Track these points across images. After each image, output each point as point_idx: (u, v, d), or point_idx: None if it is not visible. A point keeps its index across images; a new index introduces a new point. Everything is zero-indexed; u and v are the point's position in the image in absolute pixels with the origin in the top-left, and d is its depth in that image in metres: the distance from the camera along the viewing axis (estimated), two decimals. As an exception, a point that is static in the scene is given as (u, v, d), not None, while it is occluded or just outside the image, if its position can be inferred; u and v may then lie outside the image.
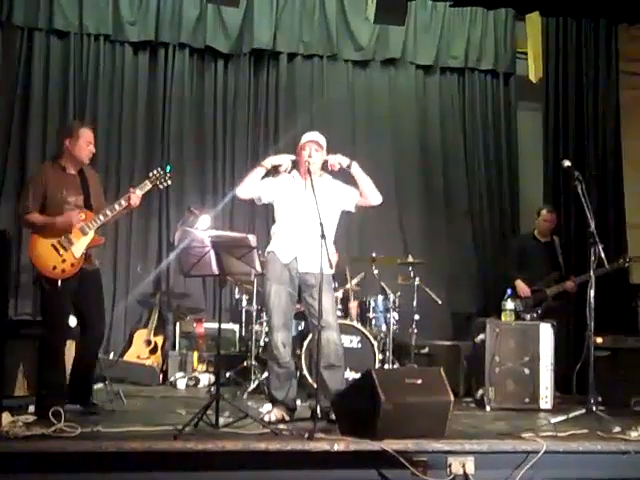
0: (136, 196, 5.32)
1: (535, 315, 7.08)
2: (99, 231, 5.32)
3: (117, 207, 5.28)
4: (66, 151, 5.30)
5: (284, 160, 5.42)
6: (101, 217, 5.24)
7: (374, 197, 5.45)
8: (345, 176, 5.53)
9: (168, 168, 5.57)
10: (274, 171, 5.50)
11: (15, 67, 8.09)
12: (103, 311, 5.50)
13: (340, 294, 7.13)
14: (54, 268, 5.11)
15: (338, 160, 5.40)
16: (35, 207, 5.18)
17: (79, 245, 5.18)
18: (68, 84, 8.18)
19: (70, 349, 5.45)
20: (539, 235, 7.58)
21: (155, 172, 5.50)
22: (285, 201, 5.41)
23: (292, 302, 5.36)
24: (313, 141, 5.38)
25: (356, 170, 5.42)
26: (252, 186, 5.41)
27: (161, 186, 5.55)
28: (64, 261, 5.12)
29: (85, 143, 5.29)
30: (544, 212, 7.57)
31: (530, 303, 7.23)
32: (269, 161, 5.45)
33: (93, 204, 5.32)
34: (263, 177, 5.45)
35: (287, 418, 5.19)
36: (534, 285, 7.28)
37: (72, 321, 5.39)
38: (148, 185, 5.44)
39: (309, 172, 5.23)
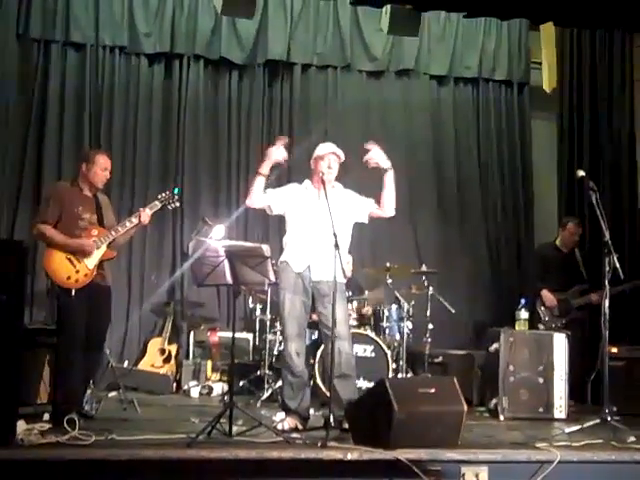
0: (146, 214, 5.50)
1: (560, 325, 7.07)
2: (111, 246, 5.44)
3: (128, 224, 5.46)
4: (82, 175, 5.49)
5: (276, 155, 5.35)
6: (113, 232, 5.41)
7: (391, 209, 5.45)
8: (356, 187, 5.55)
9: (176, 190, 5.82)
10: (278, 169, 5.49)
11: (32, 79, 8.17)
12: (106, 329, 5.60)
13: (355, 303, 7.16)
14: (68, 278, 5.25)
15: (379, 159, 5.36)
16: (51, 219, 5.33)
17: (92, 257, 5.32)
18: (84, 95, 8.24)
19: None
20: (562, 246, 7.55)
21: (164, 194, 5.71)
22: (297, 211, 5.42)
23: (306, 311, 5.37)
24: (334, 153, 5.40)
25: (389, 178, 5.38)
26: (258, 195, 5.38)
27: (170, 207, 5.76)
28: (78, 272, 5.27)
29: (100, 169, 5.47)
30: (571, 225, 7.52)
31: (555, 313, 7.22)
32: (265, 167, 5.36)
33: (106, 224, 5.49)
34: (277, 185, 5.45)
35: (300, 427, 5.19)
36: (558, 295, 7.26)
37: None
38: (157, 205, 5.64)
39: (323, 182, 5.24)
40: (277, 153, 5.35)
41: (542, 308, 7.22)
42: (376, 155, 5.39)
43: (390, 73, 9.01)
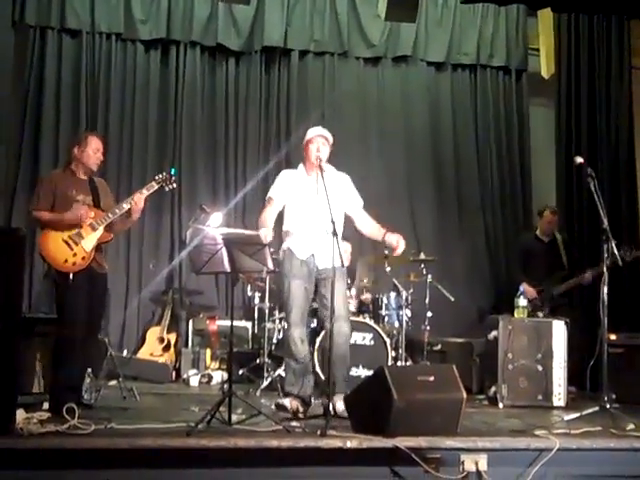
0: (139, 198, 5.38)
1: (544, 314, 7.07)
2: (110, 229, 5.39)
3: (125, 205, 5.37)
4: (75, 158, 5.43)
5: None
6: (110, 215, 5.34)
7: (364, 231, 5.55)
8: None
9: (173, 171, 5.71)
10: None
11: (28, 65, 8.15)
12: (102, 316, 5.61)
13: (354, 290, 7.16)
14: (65, 261, 5.19)
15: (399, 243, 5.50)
16: (44, 206, 5.28)
17: (89, 240, 5.26)
18: (80, 82, 8.22)
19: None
20: (542, 235, 7.58)
21: (161, 175, 5.61)
22: (295, 199, 5.42)
23: (308, 298, 5.39)
24: (321, 135, 5.40)
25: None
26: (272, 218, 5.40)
27: (167, 188, 5.65)
28: (75, 255, 5.21)
29: (93, 150, 5.41)
30: (547, 213, 7.55)
31: (538, 303, 7.22)
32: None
33: (102, 207, 5.41)
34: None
35: (301, 409, 5.21)
36: (539, 285, 7.27)
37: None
38: (154, 186, 5.53)
39: (320, 168, 5.23)
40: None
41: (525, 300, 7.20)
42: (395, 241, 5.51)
43: (387, 59, 8.98)
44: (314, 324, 6.86)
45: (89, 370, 5.52)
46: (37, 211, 5.28)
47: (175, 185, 5.70)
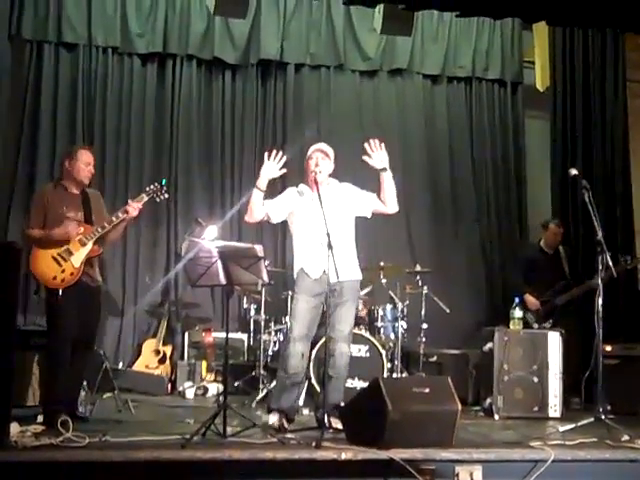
0: (132, 207, 5.38)
1: (547, 326, 7.07)
2: (103, 241, 5.39)
3: (114, 219, 5.36)
4: (66, 172, 5.44)
5: (271, 172, 5.31)
6: (99, 229, 5.33)
7: (393, 206, 5.40)
8: (355, 180, 5.55)
9: (163, 181, 5.68)
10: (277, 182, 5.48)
11: (24, 79, 8.16)
12: (95, 328, 5.56)
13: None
14: (54, 278, 5.20)
15: (375, 162, 5.30)
16: (36, 224, 5.31)
17: (78, 255, 5.26)
18: (77, 96, 8.24)
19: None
20: (546, 247, 7.58)
21: (152, 187, 5.59)
22: (299, 218, 5.41)
23: (318, 315, 5.35)
24: (319, 149, 5.41)
25: (386, 177, 5.33)
26: (258, 209, 5.36)
27: (158, 199, 5.64)
28: (64, 271, 5.21)
29: (83, 164, 5.42)
30: (553, 226, 7.55)
31: (541, 314, 7.22)
32: (262, 183, 5.31)
33: (94, 222, 5.40)
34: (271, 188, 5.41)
35: (286, 425, 5.16)
36: (542, 296, 7.27)
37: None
38: (144, 198, 5.52)
39: (316, 182, 5.23)
40: (272, 170, 5.31)
41: (527, 313, 7.19)
42: (375, 158, 5.32)
43: (383, 72, 9.02)
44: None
45: (84, 383, 5.51)
46: (29, 230, 5.32)
47: (167, 195, 5.68)
